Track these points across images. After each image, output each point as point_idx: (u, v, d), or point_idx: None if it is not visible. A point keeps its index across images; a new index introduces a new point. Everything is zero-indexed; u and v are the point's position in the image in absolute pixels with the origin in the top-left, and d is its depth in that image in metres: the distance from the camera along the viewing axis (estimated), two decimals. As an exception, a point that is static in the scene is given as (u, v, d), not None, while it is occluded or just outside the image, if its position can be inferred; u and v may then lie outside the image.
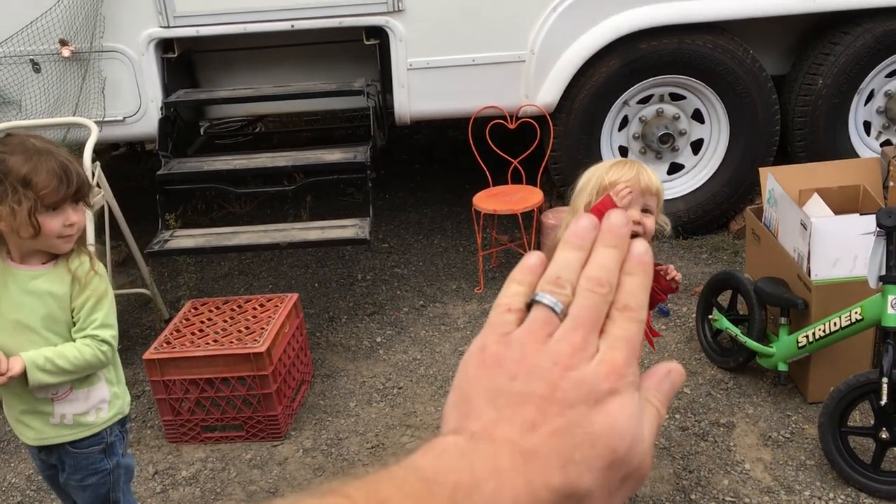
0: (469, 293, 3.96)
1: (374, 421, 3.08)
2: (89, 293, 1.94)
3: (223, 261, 4.52)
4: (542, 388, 0.45)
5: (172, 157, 3.65)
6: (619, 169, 2.07)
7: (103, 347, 1.95)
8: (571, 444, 0.44)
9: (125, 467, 2.16)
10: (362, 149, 3.59)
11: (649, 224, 2.06)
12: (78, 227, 1.92)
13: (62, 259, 1.96)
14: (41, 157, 1.86)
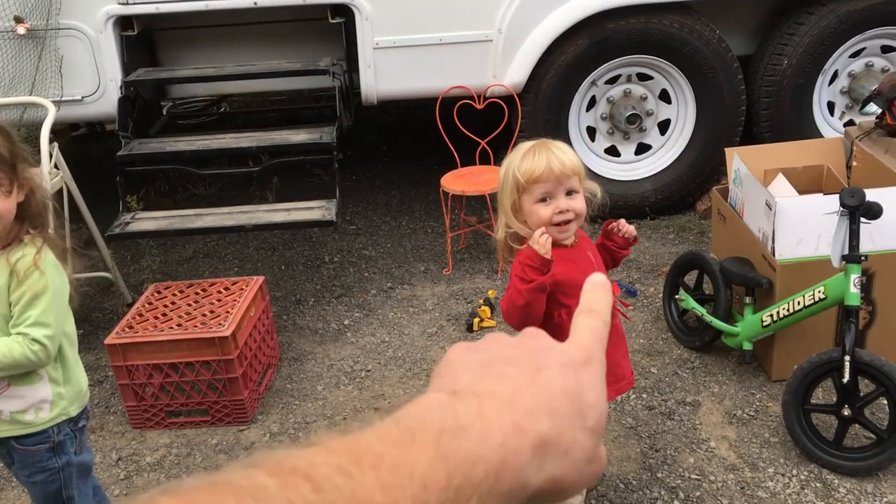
0: (437, 275, 3.94)
1: (343, 404, 3.06)
2: (25, 288, 1.85)
3: (187, 243, 4.45)
4: (518, 354, 0.48)
5: (133, 137, 3.57)
6: (531, 160, 2.01)
7: (34, 347, 1.86)
8: (553, 397, 0.45)
9: (78, 465, 2.08)
10: (328, 129, 3.55)
11: (577, 205, 2.03)
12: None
13: (7, 250, 1.88)
14: None
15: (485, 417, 0.42)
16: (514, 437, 0.42)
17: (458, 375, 0.47)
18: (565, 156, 1.99)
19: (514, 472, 0.42)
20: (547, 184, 1.98)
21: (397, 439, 0.40)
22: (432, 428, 0.41)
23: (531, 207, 2.01)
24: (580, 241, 2.14)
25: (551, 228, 2.02)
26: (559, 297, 2.08)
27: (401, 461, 0.38)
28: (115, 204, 3.67)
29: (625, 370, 2.24)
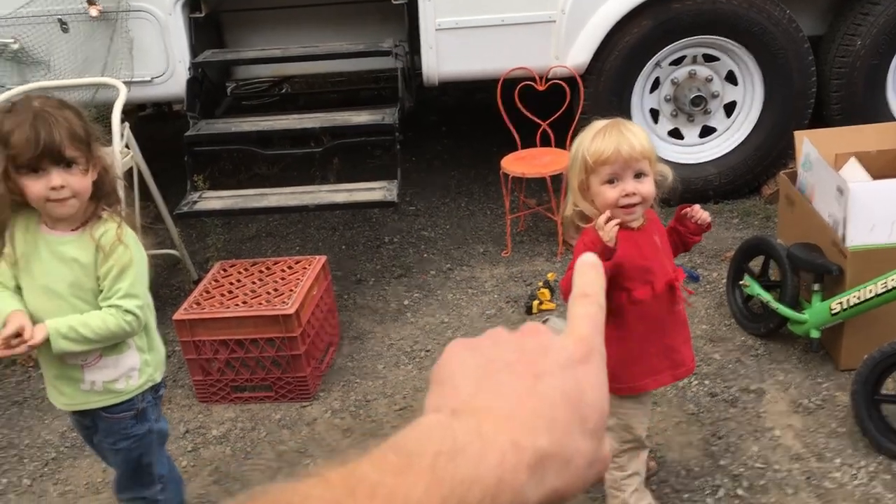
0: (496, 257, 3.94)
1: (402, 383, 3.10)
2: (112, 263, 1.91)
3: (251, 223, 4.53)
4: (516, 358, 0.47)
5: (200, 118, 3.64)
6: (600, 141, 1.99)
7: (128, 318, 1.93)
8: (552, 407, 0.45)
9: (158, 432, 2.17)
10: (390, 110, 3.56)
11: (645, 189, 2.00)
12: (73, 191, 1.85)
13: (88, 226, 1.95)
14: (27, 116, 1.80)
15: (483, 436, 0.43)
16: (512, 455, 0.42)
17: (458, 384, 0.47)
18: (636, 138, 1.97)
19: (512, 492, 0.42)
20: (614, 166, 1.96)
21: (394, 467, 0.40)
22: (429, 452, 0.41)
23: (598, 188, 2.00)
24: (648, 224, 2.12)
25: (617, 210, 2.00)
26: (621, 281, 2.07)
27: (396, 490, 0.39)
28: (180, 183, 3.75)
29: (685, 356, 2.22)
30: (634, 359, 2.14)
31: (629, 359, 2.13)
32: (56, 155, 1.79)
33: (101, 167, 1.91)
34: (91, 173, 1.88)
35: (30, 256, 1.94)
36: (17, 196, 1.86)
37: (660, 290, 2.10)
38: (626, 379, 2.15)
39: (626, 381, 2.15)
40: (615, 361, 2.18)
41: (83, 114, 1.92)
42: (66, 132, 1.80)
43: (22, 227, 1.94)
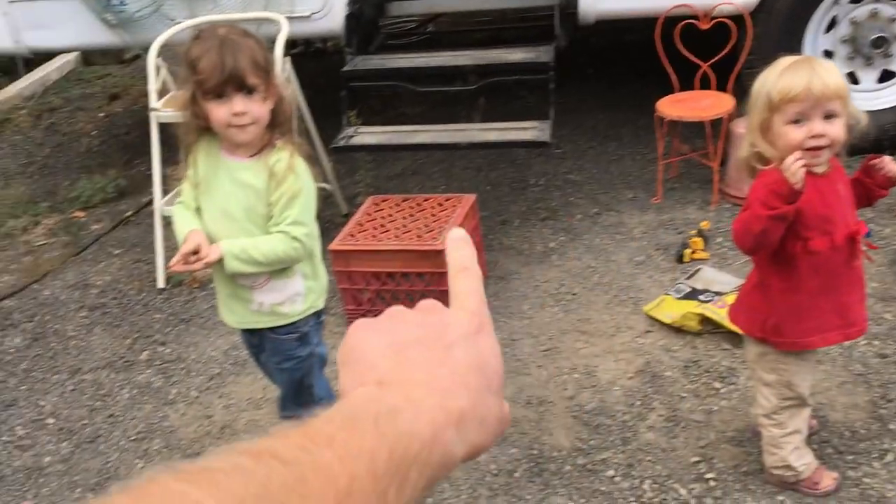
0: (646, 203, 3.83)
1: (548, 325, 3.09)
2: (283, 190, 1.98)
3: (397, 160, 4.59)
4: (423, 333, 0.51)
5: (356, 54, 3.69)
6: (790, 77, 1.85)
7: (295, 244, 2.00)
8: (464, 374, 0.50)
9: (318, 356, 2.26)
10: (545, 49, 3.48)
11: (834, 131, 1.86)
12: (253, 118, 1.91)
13: (264, 154, 2.02)
14: (213, 44, 1.87)
15: (413, 400, 0.47)
16: (440, 414, 0.47)
17: (375, 363, 0.50)
18: (829, 76, 1.83)
19: (443, 447, 0.46)
20: (803, 104, 1.84)
21: (342, 424, 0.44)
22: (369, 413, 0.45)
23: (782, 128, 1.88)
24: (832, 172, 1.98)
25: (804, 154, 1.88)
26: (798, 229, 1.95)
27: (349, 440, 0.42)
28: (328, 120, 3.82)
29: (857, 316, 2.08)
30: (802, 313, 2.03)
31: (797, 313, 2.03)
32: (239, 81, 1.86)
33: (278, 96, 1.97)
34: (269, 101, 1.94)
35: (210, 180, 2.04)
36: (201, 121, 1.95)
37: (839, 242, 1.97)
38: (790, 333, 2.05)
39: (790, 335, 2.05)
40: (781, 314, 2.08)
41: (263, 43, 1.97)
42: (248, 60, 1.86)
43: (204, 152, 2.04)
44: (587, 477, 2.37)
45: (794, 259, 2.00)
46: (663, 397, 2.63)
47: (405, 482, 0.43)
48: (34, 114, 6.08)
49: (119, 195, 4.60)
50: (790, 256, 2.00)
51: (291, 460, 0.39)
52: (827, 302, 2.03)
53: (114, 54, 4.76)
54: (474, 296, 0.55)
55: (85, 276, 3.86)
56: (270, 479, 0.38)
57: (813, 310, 2.03)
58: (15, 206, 4.61)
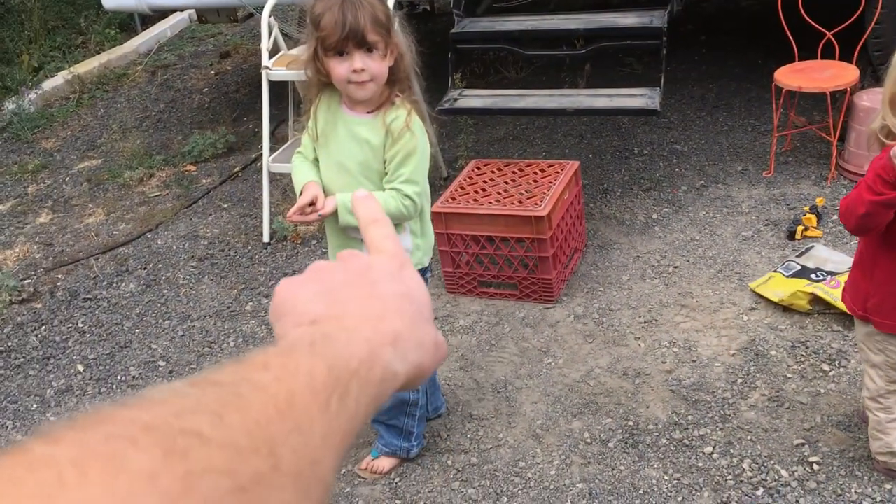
0: (756, 176, 3.70)
1: (648, 297, 3.04)
2: (399, 147, 2.00)
3: (499, 125, 4.56)
4: (348, 277, 0.54)
5: (464, 16, 3.66)
6: None
7: (406, 202, 2.02)
8: (395, 302, 0.52)
9: None
10: (659, 13, 3.38)
11: None
12: (372, 75, 1.92)
13: (382, 110, 2.04)
14: (335, 1, 1.88)
15: (347, 328, 0.48)
16: (375, 336, 0.49)
17: (307, 309, 0.51)
18: None
19: (382, 364, 0.48)
20: None
21: (278, 352, 0.44)
22: (304, 342, 0.46)
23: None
24: None
25: None
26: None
27: (286, 363, 0.42)
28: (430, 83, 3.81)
29: None
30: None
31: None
32: (360, 38, 1.88)
33: (398, 53, 1.98)
34: (388, 59, 1.96)
35: (328, 133, 2.08)
36: (323, 77, 1.98)
37: None
38: (891, 315, 1.95)
39: (891, 318, 1.95)
40: (883, 295, 1.98)
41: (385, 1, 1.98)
42: (369, 17, 1.88)
43: (325, 106, 2.08)
44: (683, 452, 2.34)
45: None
46: (767, 377, 2.56)
47: (347, 394, 0.43)
48: (149, 70, 6.32)
49: (228, 151, 4.75)
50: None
51: (228, 382, 0.39)
52: None
53: (227, 13, 4.88)
54: (389, 240, 0.59)
55: (195, 228, 4.02)
56: (206, 396, 0.37)
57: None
58: (131, 157, 4.82)
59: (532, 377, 2.73)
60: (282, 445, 0.37)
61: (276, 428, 0.38)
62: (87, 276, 3.76)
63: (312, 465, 0.39)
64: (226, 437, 0.35)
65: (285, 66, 3.63)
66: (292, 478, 0.37)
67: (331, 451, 0.41)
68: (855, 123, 3.46)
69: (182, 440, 0.33)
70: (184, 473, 0.32)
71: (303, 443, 0.38)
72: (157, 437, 0.33)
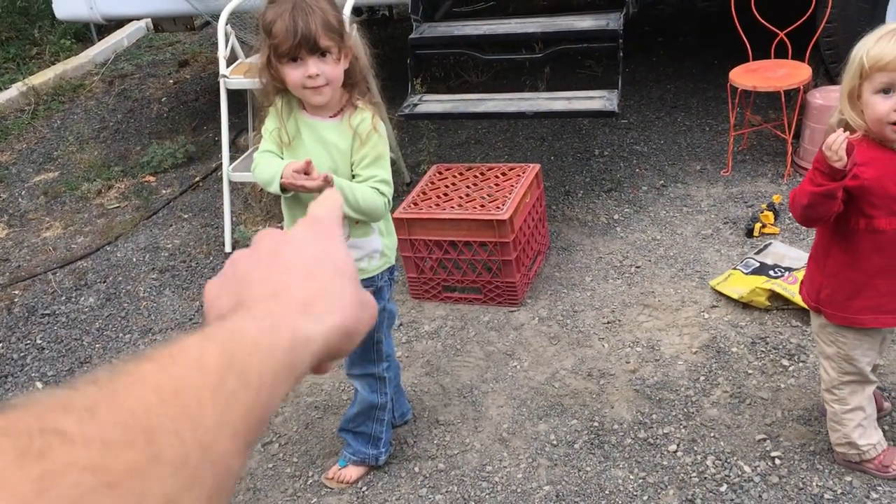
0: (714, 175, 3.75)
1: (611, 297, 3.06)
2: (368, 150, 2.01)
3: (461, 129, 4.57)
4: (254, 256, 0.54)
5: (423, 21, 3.67)
6: (884, 44, 1.75)
7: (384, 200, 2.04)
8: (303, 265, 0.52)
9: (389, 312, 2.30)
10: (615, 16, 3.41)
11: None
12: (327, 79, 1.92)
13: (346, 114, 2.03)
14: (286, 8, 1.88)
15: (244, 306, 0.49)
16: (275, 303, 0.49)
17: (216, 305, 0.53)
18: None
19: (289, 329, 0.47)
20: (893, 74, 1.75)
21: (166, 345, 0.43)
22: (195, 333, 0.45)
23: (869, 98, 1.80)
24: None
25: (886, 127, 1.80)
26: (863, 205, 1.88)
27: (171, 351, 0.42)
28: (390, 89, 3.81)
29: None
30: (857, 290, 1.96)
31: (851, 289, 1.97)
32: (312, 44, 1.87)
33: (352, 56, 1.98)
34: (343, 62, 1.95)
35: (293, 139, 2.07)
36: (278, 83, 1.98)
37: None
38: (841, 307, 1.99)
39: (842, 310, 1.99)
40: (834, 287, 2.02)
41: (336, 4, 1.98)
42: (320, 22, 1.87)
43: (286, 112, 2.07)
44: (648, 451, 2.36)
45: (856, 235, 1.93)
46: (729, 373, 2.59)
47: (247, 370, 0.42)
48: (106, 80, 6.24)
49: (188, 160, 4.70)
50: (852, 232, 1.93)
51: (106, 379, 0.38)
52: (886, 284, 1.94)
53: (184, 21, 4.83)
54: (322, 204, 0.60)
55: (155, 239, 3.97)
56: (79, 394, 0.36)
57: (869, 289, 1.95)
58: (89, 169, 4.75)
59: (498, 381, 2.73)
60: (163, 434, 0.36)
61: (156, 417, 0.37)
62: (45, 291, 3.69)
63: (204, 450, 0.38)
64: (93, 433, 0.34)
65: (243, 75, 3.60)
66: (176, 467, 0.36)
67: (229, 432, 0.40)
68: (809, 121, 3.52)
69: (40, 440, 0.32)
70: (40, 474, 0.31)
71: (190, 428, 0.38)
72: (10, 439, 0.32)
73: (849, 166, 1.77)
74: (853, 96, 1.84)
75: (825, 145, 1.77)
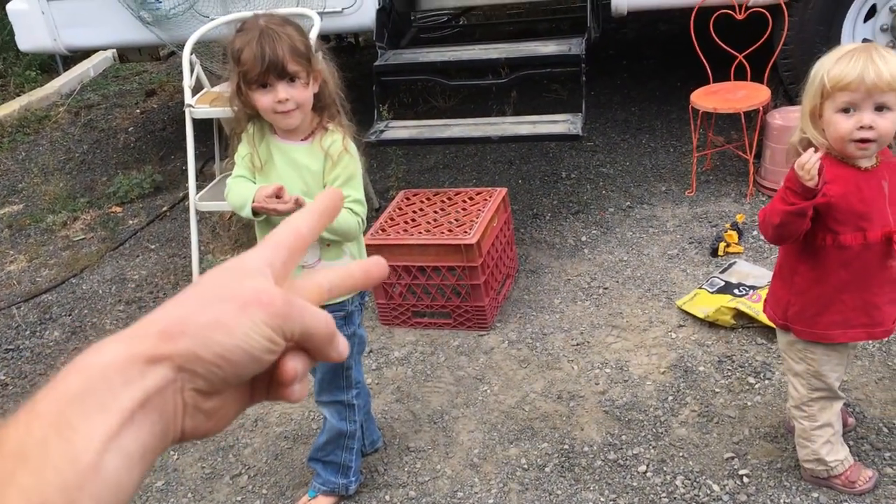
0: (679, 196, 3.79)
1: (579, 319, 3.08)
2: (339, 171, 2.03)
3: (429, 154, 4.59)
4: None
5: (388, 48, 3.69)
6: (845, 64, 1.79)
7: (358, 219, 2.06)
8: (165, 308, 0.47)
9: (359, 337, 2.29)
10: (577, 41, 3.46)
11: (883, 125, 1.79)
12: (297, 103, 1.95)
13: (317, 136, 2.05)
14: (253, 35, 1.91)
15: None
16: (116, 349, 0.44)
17: None
18: (887, 67, 1.75)
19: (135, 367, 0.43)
20: (854, 94, 1.78)
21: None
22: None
23: (831, 117, 1.84)
24: (880, 166, 1.92)
25: (849, 145, 1.84)
26: (828, 222, 1.92)
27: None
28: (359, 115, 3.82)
29: (886, 317, 2.00)
30: (825, 306, 1.99)
31: (819, 305, 2.00)
32: (280, 70, 1.90)
33: (322, 79, 2.00)
34: (312, 86, 1.97)
35: (265, 163, 2.07)
36: (249, 110, 1.99)
37: (873, 239, 1.91)
38: (810, 323, 2.02)
39: (811, 325, 2.02)
40: (802, 303, 2.05)
41: (303, 29, 2.00)
42: (288, 48, 1.90)
43: (258, 137, 2.08)
44: (618, 472, 2.36)
45: (822, 251, 1.96)
46: (696, 392, 2.61)
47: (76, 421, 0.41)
48: (72, 111, 6.19)
49: (155, 190, 4.67)
50: (819, 248, 1.96)
51: None
52: (853, 299, 1.97)
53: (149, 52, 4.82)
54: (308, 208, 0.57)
55: (122, 271, 3.93)
56: None
57: (836, 304, 1.98)
58: (54, 201, 4.70)
59: (468, 405, 2.73)
60: None
61: None
62: (9, 325, 3.63)
63: None
64: None
65: (209, 104, 3.59)
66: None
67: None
68: (769, 141, 3.59)
69: None
70: None
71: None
72: None
73: (819, 185, 1.80)
74: (814, 115, 1.88)
75: (797, 164, 1.79)
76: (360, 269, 0.56)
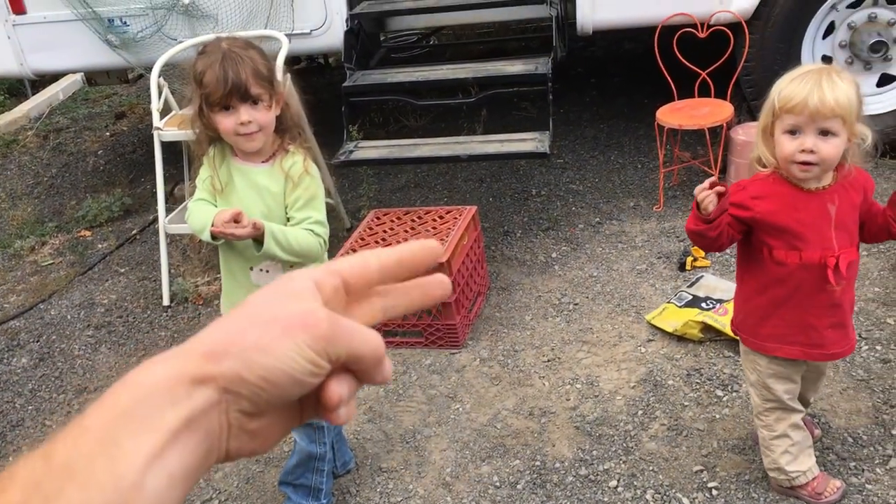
0: (647, 211, 3.84)
1: (550, 335, 3.09)
2: (300, 192, 2.04)
3: (400, 173, 4.61)
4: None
5: (356, 69, 3.72)
6: (794, 86, 1.82)
7: (319, 241, 2.07)
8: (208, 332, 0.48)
9: None
10: (543, 60, 3.50)
11: (825, 149, 1.81)
12: (259, 125, 1.96)
13: (278, 158, 2.06)
14: (216, 58, 1.92)
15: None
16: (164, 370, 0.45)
17: None
18: (832, 93, 1.78)
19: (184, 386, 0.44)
20: (798, 117, 1.83)
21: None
22: None
23: (778, 136, 1.89)
24: (831, 189, 1.94)
25: (792, 166, 1.88)
26: (761, 235, 1.98)
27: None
28: (331, 135, 3.85)
29: (826, 340, 2.00)
30: (763, 318, 2.04)
31: (758, 316, 2.06)
32: (243, 93, 1.91)
33: (284, 102, 2.01)
34: (275, 108, 1.98)
35: (226, 186, 2.08)
36: (210, 132, 2.00)
37: (809, 260, 1.94)
38: (754, 334, 2.07)
39: (754, 336, 2.07)
40: (745, 312, 2.12)
41: (265, 52, 2.01)
42: (250, 71, 1.91)
43: (219, 159, 2.08)
44: (590, 488, 2.37)
45: (762, 263, 2.01)
46: (665, 406, 2.63)
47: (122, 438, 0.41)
48: (41, 134, 6.14)
49: (125, 213, 4.64)
50: (759, 259, 2.01)
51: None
52: (790, 315, 2.00)
53: (118, 74, 4.80)
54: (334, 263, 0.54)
55: (91, 295, 3.89)
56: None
57: (773, 318, 2.02)
58: (22, 226, 4.65)
59: (440, 424, 2.73)
60: None
61: None
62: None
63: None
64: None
65: (177, 126, 3.59)
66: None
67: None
68: (733, 156, 3.64)
69: None
70: None
71: None
72: None
73: (713, 215, 1.87)
74: (766, 133, 1.93)
75: (697, 190, 1.89)
76: (419, 289, 0.56)
